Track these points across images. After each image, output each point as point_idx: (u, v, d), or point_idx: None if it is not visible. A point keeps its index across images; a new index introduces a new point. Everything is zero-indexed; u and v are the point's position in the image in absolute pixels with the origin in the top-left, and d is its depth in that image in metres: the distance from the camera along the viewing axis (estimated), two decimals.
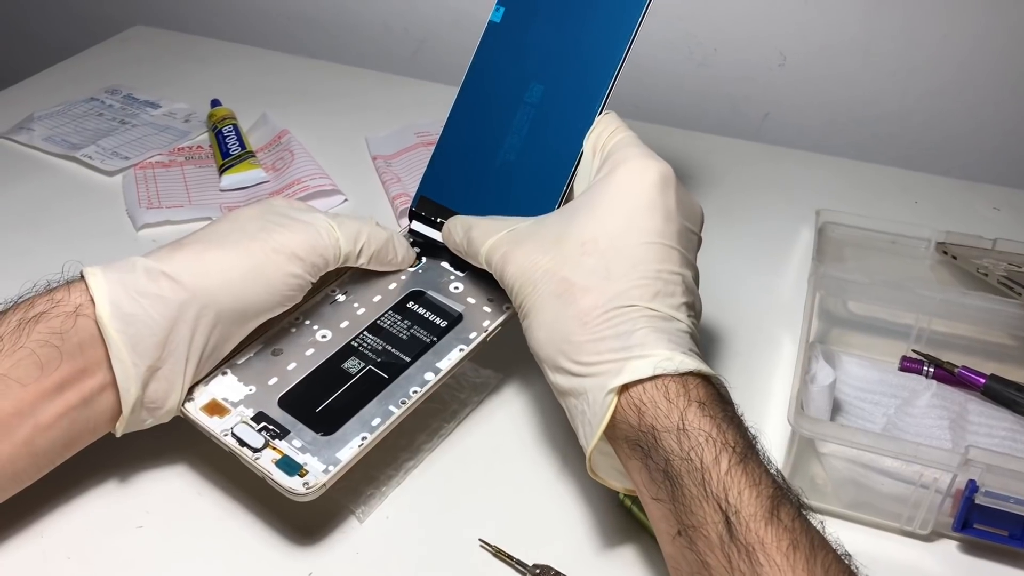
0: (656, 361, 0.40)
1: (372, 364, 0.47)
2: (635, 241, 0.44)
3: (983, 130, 0.91)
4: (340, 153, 0.81)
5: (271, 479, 0.42)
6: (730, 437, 0.38)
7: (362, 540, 0.46)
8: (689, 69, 0.96)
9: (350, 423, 0.45)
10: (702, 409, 0.39)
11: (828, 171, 0.83)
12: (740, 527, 0.35)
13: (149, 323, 0.43)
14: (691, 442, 0.38)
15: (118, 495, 0.48)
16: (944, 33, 0.87)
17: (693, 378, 0.40)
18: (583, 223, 0.45)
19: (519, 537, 0.46)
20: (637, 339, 0.41)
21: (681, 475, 0.38)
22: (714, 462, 0.37)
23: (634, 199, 0.45)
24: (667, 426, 0.39)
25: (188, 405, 0.45)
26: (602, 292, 0.43)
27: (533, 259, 0.45)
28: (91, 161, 0.78)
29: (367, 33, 1.09)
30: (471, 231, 0.50)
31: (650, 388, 0.40)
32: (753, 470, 0.37)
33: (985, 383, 0.55)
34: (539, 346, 0.44)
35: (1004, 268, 0.61)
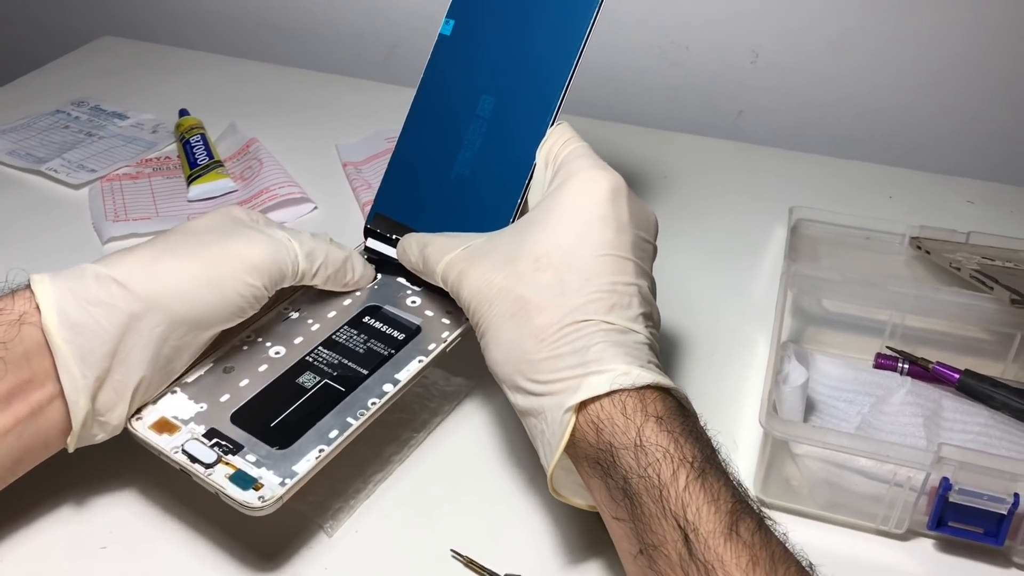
0: (612, 376, 0.40)
1: (328, 378, 0.47)
2: (588, 254, 0.44)
3: (957, 124, 0.91)
4: (310, 161, 0.80)
5: (224, 494, 0.41)
6: (688, 452, 0.38)
7: (331, 555, 0.45)
8: (662, 68, 0.95)
9: (306, 436, 0.44)
10: (659, 424, 0.38)
11: (803, 168, 0.83)
12: (699, 545, 0.35)
13: (98, 332, 0.42)
14: (648, 459, 0.37)
15: (80, 516, 0.47)
16: (916, 28, 0.87)
17: (651, 392, 0.40)
18: (535, 238, 0.45)
19: (491, 547, 0.45)
20: (593, 354, 0.41)
21: (640, 493, 0.37)
22: (672, 478, 0.37)
23: (585, 212, 0.45)
24: (624, 443, 0.38)
25: (136, 424, 0.44)
26: (557, 308, 0.42)
27: (488, 278, 0.45)
28: (56, 175, 0.77)
29: (338, 39, 1.08)
30: (426, 249, 0.49)
31: (607, 405, 0.39)
32: (712, 485, 0.37)
33: (959, 378, 0.54)
34: (496, 366, 0.44)
35: (977, 262, 0.61)
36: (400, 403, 0.53)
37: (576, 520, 0.47)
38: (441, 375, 0.55)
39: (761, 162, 0.84)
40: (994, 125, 0.89)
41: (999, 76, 0.87)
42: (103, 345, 0.42)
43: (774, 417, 0.46)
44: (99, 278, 0.43)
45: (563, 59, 0.50)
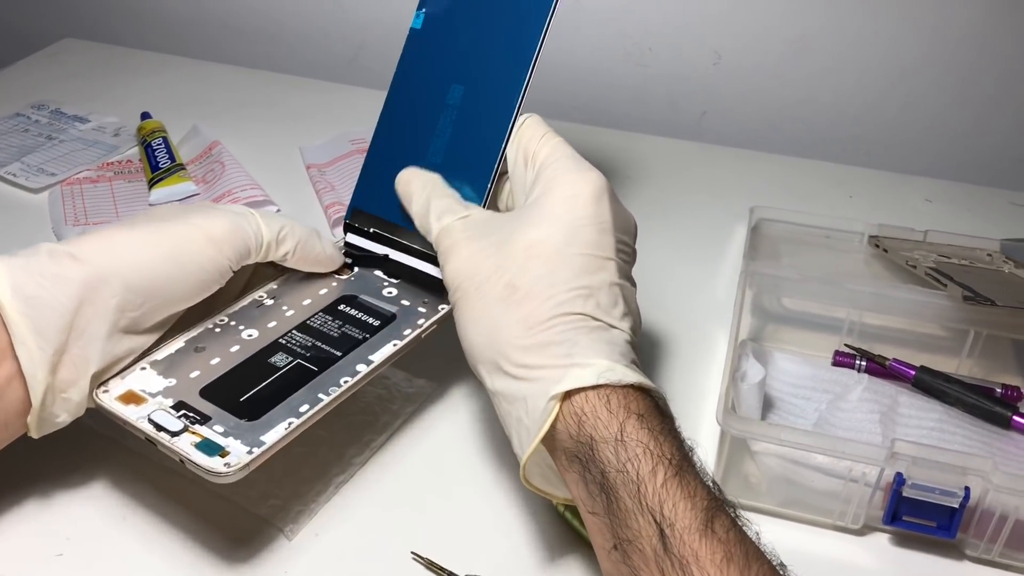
0: (600, 370, 0.40)
1: (300, 359, 0.46)
2: (577, 252, 0.44)
3: (916, 124, 0.92)
4: (273, 163, 0.80)
5: (189, 460, 0.40)
6: (667, 449, 0.38)
7: (291, 558, 0.45)
8: (626, 69, 0.96)
9: (276, 410, 0.43)
10: (640, 421, 0.38)
11: (765, 168, 0.84)
12: (675, 540, 0.35)
13: (53, 304, 0.41)
14: (628, 453, 0.37)
15: (35, 521, 0.46)
16: (875, 30, 0.88)
17: (634, 391, 0.40)
18: (528, 229, 0.45)
19: (453, 549, 0.45)
20: (581, 347, 0.41)
21: (616, 487, 0.37)
22: (650, 474, 0.37)
23: (576, 211, 0.45)
24: (605, 436, 0.38)
25: (102, 395, 0.43)
26: (547, 298, 0.42)
27: (478, 259, 0.45)
28: (15, 179, 0.76)
29: (303, 41, 1.08)
30: (431, 201, 0.49)
31: (592, 397, 0.39)
32: (689, 482, 0.37)
33: (915, 375, 0.55)
34: (477, 347, 0.44)
35: (933, 260, 0.61)
36: (362, 405, 0.53)
37: (535, 521, 0.47)
38: (403, 377, 0.55)
39: (724, 162, 0.85)
40: (953, 125, 0.91)
41: (958, 78, 0.88)
42: (59, 318, 0.41)
43: (732, 415, 0.47)
44: (53, 253, 0.43)
45: (526, 46, 0.51)
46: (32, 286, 0.41)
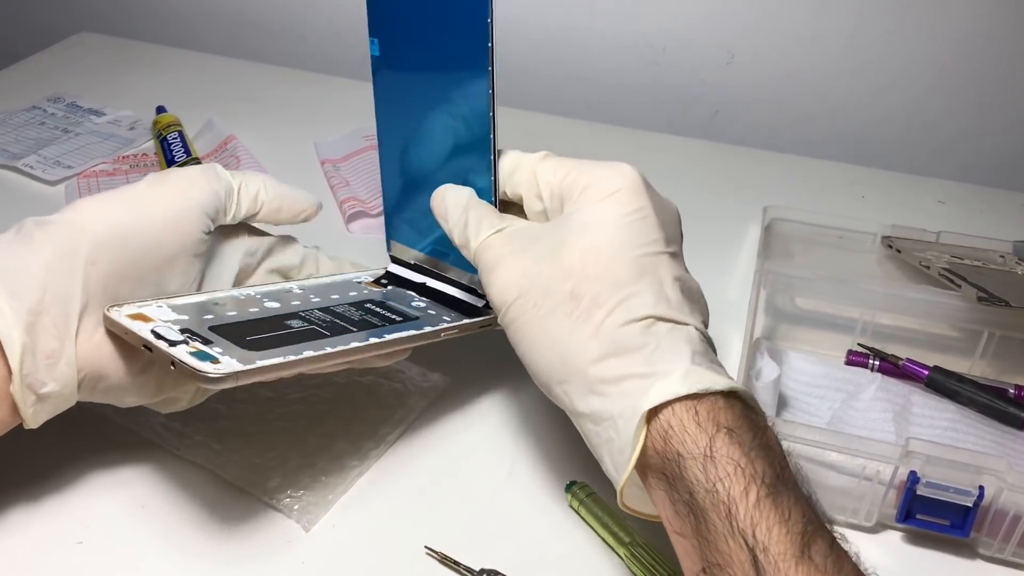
0: (685, 378, 0.37)
1: (316, 326, 0.45)
2: (634, 251, 0.41)
3: (929, 124, 0.92)
4: (288, 158, 0.80)
5: (180, 361, 0.38)
6: (759, 467, 0.35)
7: (308, 549, 0.45)
8: (639, 68, 0.96)
9: (278, 348, 0.42)
10: (731, 436, 0.36)
11: (777, 168, 0.84)
12: (769, 567, 0.33)
13: (23, 266, 0.41)
14: (718, 472, 0.35)
15: (56, 510, 0.47)
16: (888, 30, 0.88)
17: (721, 397, 0.37)
18: (578, 236, 0.42)
19: (466, 543, 0.46)
20: (661, 352, 0.39)
21: (706, 508, 0.35)
22: (742, 494, 0.34)
23: (621, 208, 0.42)
24: (694, 453, 0.36)
25: (113, 311, 0.42)
26: (616, 304, 0.40)
27: (529, 273, 0.42)
28: (32, 171, 0.76)
29: (317, 37, 1.08)
30: (467, 213, 0.47)
31: (679, 410, 0.37)
32: (783, 502, 0.34)
33: (928, 375, 0.55)
34: (548, 368, 0.41)
35: (946, 261, 0.62)
36: (377, 398, 0.54)
37: (549, 515, 0.48)
38: (418, 371, 0.56)
39: (736, 162, 0.85)
40: (966, 127, 0.91)
41: (971, 79, 0.88)
42: (30, 278, 0.41)
43: None
44: (20, 228, 0.43)
45: (478, 61, 0.49)
46: (2, 256, 0.41)
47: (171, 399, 0.46)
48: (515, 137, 0.85)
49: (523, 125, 0.90)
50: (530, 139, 0.86)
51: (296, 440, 0.51)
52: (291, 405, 0.53)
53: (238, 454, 0.49)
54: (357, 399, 0.54)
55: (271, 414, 0.52)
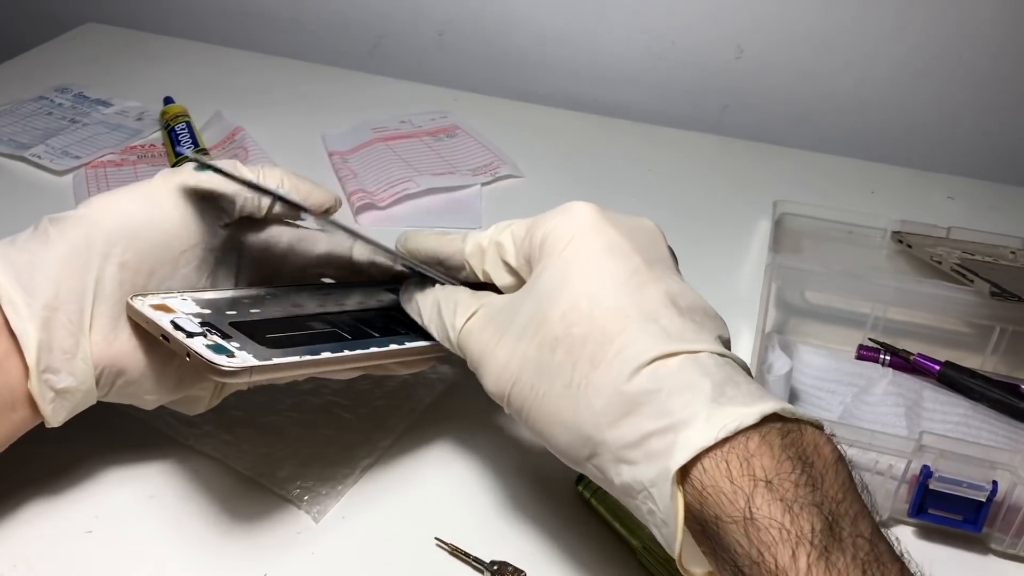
0: (707, 424, 0.33)
1: (339, 328, 0.45)
2: (614, 293, 0.38)
3: (939, 120, 0.91)
4: (296, 150, 0.80)
5: (194, 352, 0.38)
6: (805, 523, 0.31)
7: (317, 540, 0.45)
8: (647, 62, 0.96)
9: (297, 348, 0.42)
10: (770, 490, 0.32)
11: (786, 163, 0.84)
12: None
13: (36, 262, 0.41)
14: (761, 537, 0.31)
15: (66, 500, 0.46)
16: (899, 25, 0.88)
17: (755, 435, 0.33)
18: (553, 303, 0.39)
19: (477, 535, 0.46)
20: (675, 398, 0.34)
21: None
22: (791, 562, 0.31)
23: (584, 251, 0.39)
24: (733, 515, 0.32)
25: (136, 299, 0.42)
26: (611, 358, 0.36)
27: (517, 353, 0.39)
28: (40, 161, 0.76)
29: (325, 29, 1.08)
30: (440, 302, 0.44)
31: (709, 467, 0.33)
32: (836, 562, 0.30)
33: (939, 370, 0.55)
34: (569, 448, 0.38)
35: (958, 256, 0.61)
36: (387, 390, 0.53)
37: (559, 507, 0.48)
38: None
39: (745, 157, 0.85)
40: (975, 123, 0.90)
41: (981, 74, 0.88)
42: (43, 274, 0.41)
43: None
44: (36, 226, 0.43)
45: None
46: (16, 253, 0.41)
47: (191, 398, 0.46)
48: (523, 132, 0.86)
49: (531, 120, 0.89)
50: (539, 133, 0.86)
51: (306, 431, 0.51)
52: (301, 396, 0.53)
53: (248, 444, 0.49)
54: (366, 391, 0.54)
55: (281, 405, 0.52)
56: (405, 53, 1.05)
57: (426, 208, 0.73)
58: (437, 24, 1.02)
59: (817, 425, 0.35)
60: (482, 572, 0.44)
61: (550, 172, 0.80)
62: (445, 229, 0.52)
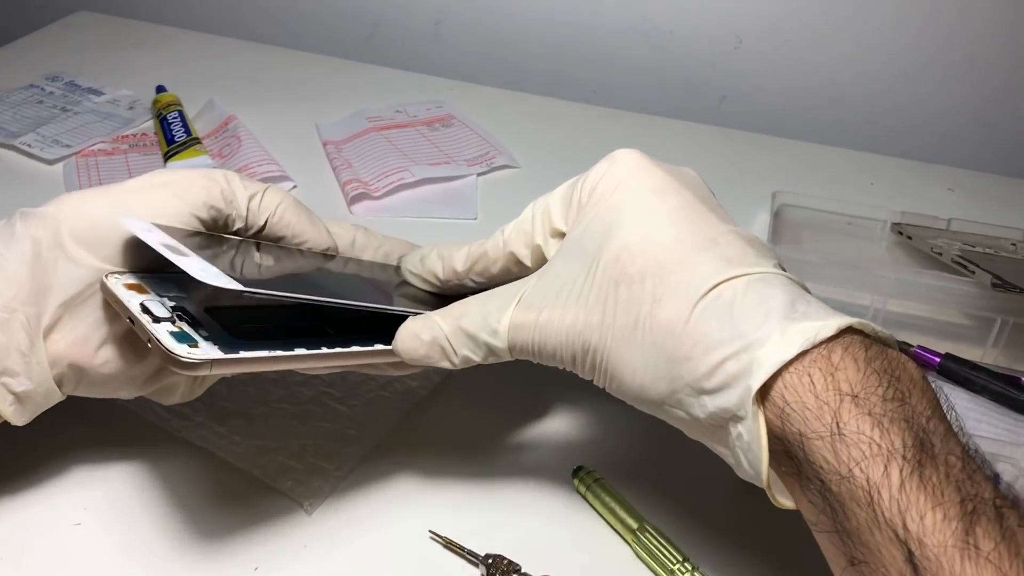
0: (784, 338, 0.32)
1: (327, 323, 0.43)
2: (669, 226, 0.36)
3: (938, 112, 0.91)
4: (290, 139, 0.79)
5: (156, 340, 0.36)
6: (896, 438, 0.30)
7: (310, 533, 0.45)
8: (645, 52, 0.95)
9: (270, 342, 0.39)
10: (857, 404, 0.31)
11: (785, 154, 0.83)
12: (927, 563, 0.28)
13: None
14: (851, 452, 0.30)
15: (54, 492, 0.46)
16: (899, 16, 0.87)
17: (839, 347, 0.32)
18: (604, 241, 0.37)
19: (471, 527, 0.45)
20: (747, 318, 0.33)
21: (843, 498, 0.30)
22: (883, 477, 0.29)
23: (631, 193, 0.38)
24: (819, 431, 0.31)
25: (111, 278, 0.40)
26: (673, 290, 0.35)
27: (575, 316, 0.37)
28: (30, 149, 0.75)
29: (319, 17, 1.07)
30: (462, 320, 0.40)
31: (791, 381, 0.32)
32: (932, 479, 0.29)
33: (940, 362, 0.55)
34: (646, 394, 0.36)
35: (958, 247, 0.61)
36: (382, 382, 0.53)
37: (554, 500, 0.47)
38: None
39: (743, 147, 0.84)
40: (975, 114, 0.90)
41: (981, 65, 0.88)
42: (3, 271, 0.40)
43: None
44: (9, 219, 0.42)
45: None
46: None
47: (166, 388, 0.45)
48: (520, 122, 0.85)
49: (528, 110, 0.89)
50: (536, 123, 0.86)
51: (298, 422, 0.50)
52: (294, 387, 0.52)
53: (240, 436, 0.49)
54: (359, 382, 0.53)
55: (273, 396, 0.51)
56: (401, 42, 1.05)
57: (421, 198, 0.72)
58: (433, 13, 1.01)
59: (895, 344, 0.34)
60: (476, 565, 0.43)
61: (546, 162, 0.79)
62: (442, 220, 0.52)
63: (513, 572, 0.42)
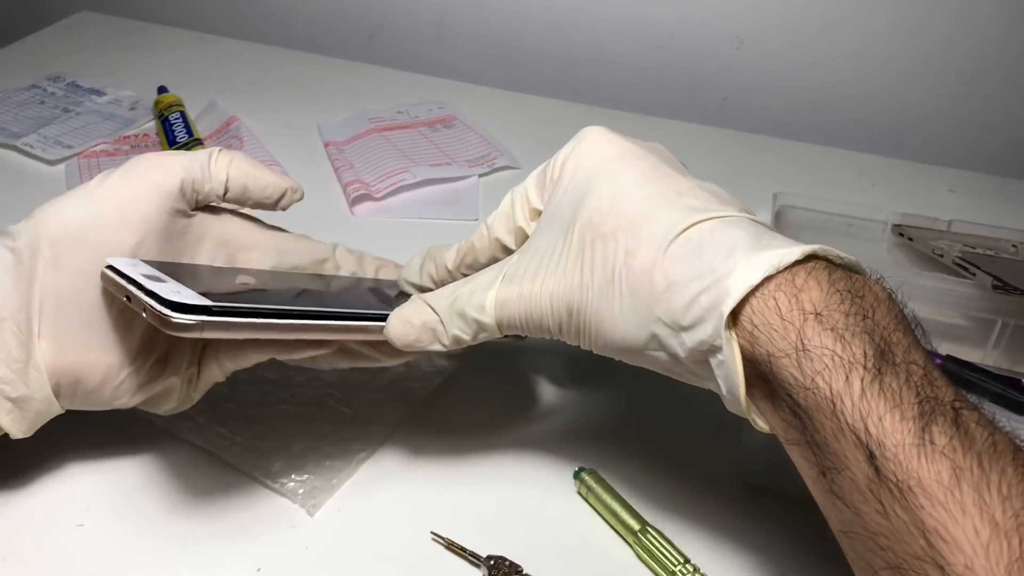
0: (749, 265, 0.34)
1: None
2: (634, 184, 0.39)
3: (939, 113, 0.91)
4: (291, 140, 0.79)
5: (151, 306, 0.36)
6: (857, 349, 0.31)
7: (312, 534, 0.45)
8: (646, 53, 0.95)
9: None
10: (820, 321, 0.32)
11: (786, 155, 0.84)
12: (886, 462, 0.29)
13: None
14: (815, 366, 0.32)
15: (57, 493, 0.46)
16: (900, 17, 0.87)
17: (801, 271, 0.34)
18: (576, 208, 0.40)
19: (473, 529, 0.45)
20: (714, 252, 0.35)
21: (809, 409, 0.32)
22: (845, 386, 0.31)
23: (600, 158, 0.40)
24: (785, 349, 0.33)
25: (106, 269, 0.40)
26: (646, 239, 0.37)
27: (560, 278, 0.39)
28: (32, 150, 0.75)
29: (321, 18, 1.07)
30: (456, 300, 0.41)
31: (757, 305, 0.33)
32: (891, 385, 0.31)
33: (940, 364, 0.54)
34: (627, 343, 0.38)
35: (959, 249, 0.61)
36: (383, 383, 0.53)
37: (556, 501, 0.47)
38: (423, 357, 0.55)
39: (745, 148, 0.84)
40: (976, 116, 0.90)
41: (981, 67, 0.88)
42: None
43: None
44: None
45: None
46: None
47: (161, 395, 0.45)
48: (521, 123, 0.85)
49: (529, 111, 0.89)
50: (537, 124, 0.86)
51: (300, 424, 0.50)
52: (295, 388, 0.52)
53: (241, 437, 0.49)
54: (362, 384, 0.53)
55: (275, 397, 0.52)
56: (402, 43, 1.05)
57: (422, 199, 0.72)
58: (435, 14, 1.01)
59: (860, 270, 0.36)
60: (478, 566, 0.43)
61: None
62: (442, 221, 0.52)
63: (515, 573, 0.42)
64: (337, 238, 0.53)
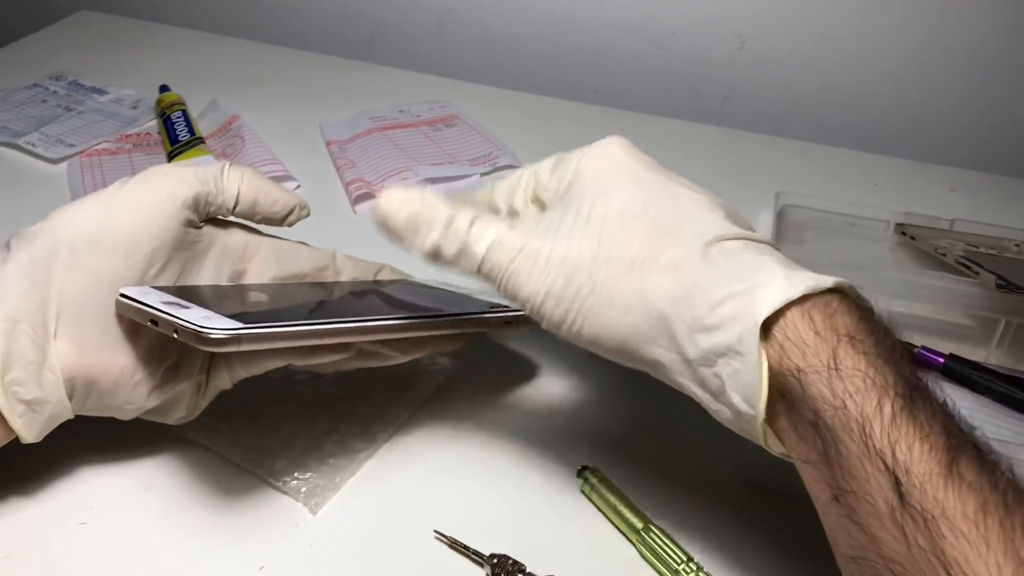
0: (789, 282, 0.34)
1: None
2: (665, 190, 0.39)
3: (941, 112, 0.91)
4: (293, 139, 0.79)
5: (184, 323, 0.36)
6: (891, 377, 0.32)
7: (315, 532, 0.45)
8: (648, 52, 0.95)
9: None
10: (854, 344, 0.32)
11: (788, 154, 0.83)
12: (913, 490, 0.29)
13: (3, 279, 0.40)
14: (847, 386, 0.31)
15: (60, 491, 0.46)
16: (902, 16, 0.87)
17: (836, 300, 0.34)
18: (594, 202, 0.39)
19: (476, 528, 0.45)
20: (751, 266, 0.35)
21: (835, 429, 0.32)
22: (875, 410, 0.31)
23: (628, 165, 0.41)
24: (816, 366, 0.32)
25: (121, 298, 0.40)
26: (683, 235, 0.37)
27: (571, 252, 0.38)
28: (34, 148, 0.75)
29: (323, 17, 1.07)
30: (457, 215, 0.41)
31: (794, 319, 0.33)
32: (921, 415, 0.31)
33: (944, 363, 0.55)
34: (634, 335, 0.37)
35: (962, 248, 0.61)
36: (385, 382, 0.53)
37: (559, 500, 0.47)
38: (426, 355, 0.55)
39: (747, 148, 0.84)
40: (977, 114, 0.90)
41: (983, 66, 0.88)
42: (3, 284, 0.40)
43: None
44: (4, 245, 0.42)
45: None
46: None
47: (170, 403, 0.45)
48: (523, 122, 0.85)
49: (531, 110, 0.89)
50: (539, 123, 0.86)
51: (303, 422, 0.50)
52: (298, 387, 0.52)
53: (244, 436, 0.49)
54: (364, 382, 0.53)
55: (278, 396, 0.51)
56: (404, 42, 1.05)
57: None
58: (436, 13, 1.01)
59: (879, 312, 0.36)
60: (482, 565, 0.43)
61: None
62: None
63: (518, 572, 0.42)
64: (339, 237, 0.53)
